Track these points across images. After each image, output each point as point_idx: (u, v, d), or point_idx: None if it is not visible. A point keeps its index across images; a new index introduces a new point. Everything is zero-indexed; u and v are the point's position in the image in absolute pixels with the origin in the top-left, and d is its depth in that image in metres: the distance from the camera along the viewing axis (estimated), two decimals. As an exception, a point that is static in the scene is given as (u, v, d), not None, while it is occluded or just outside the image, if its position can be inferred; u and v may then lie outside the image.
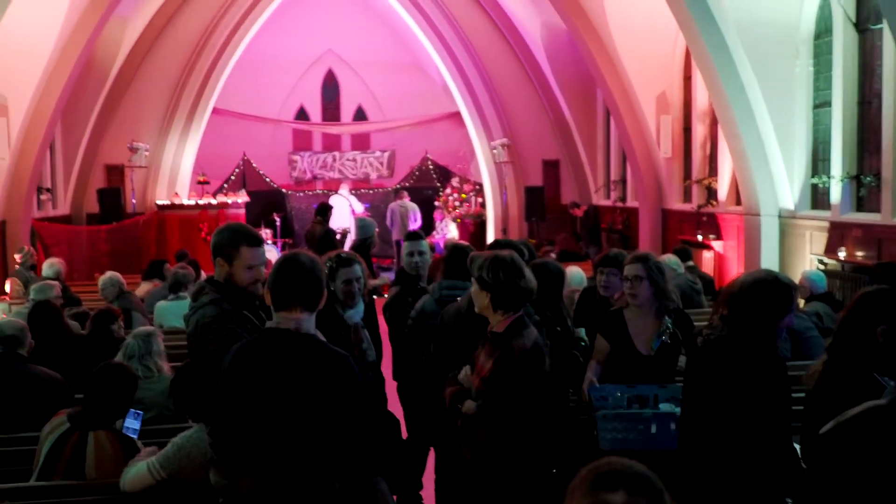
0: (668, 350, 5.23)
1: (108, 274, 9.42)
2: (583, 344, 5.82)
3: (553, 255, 15.94)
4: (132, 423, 4.87)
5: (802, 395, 3.93)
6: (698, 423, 3.98)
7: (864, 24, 11.08)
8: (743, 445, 3.80)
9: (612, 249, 6.69)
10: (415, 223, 20.39)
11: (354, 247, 11.40)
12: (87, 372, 4.88)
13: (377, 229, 11.93)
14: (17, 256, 12.68)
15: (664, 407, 4.94)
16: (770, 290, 3.87)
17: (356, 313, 5.14)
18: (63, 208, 18.75)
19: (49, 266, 10.86)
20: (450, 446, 4.96)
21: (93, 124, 19.02)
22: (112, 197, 18.32)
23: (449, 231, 21.52)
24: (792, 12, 12.15)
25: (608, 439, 4.92)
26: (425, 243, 6.80)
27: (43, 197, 17.31)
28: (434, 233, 21.65)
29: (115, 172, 19.70)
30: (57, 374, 5.88)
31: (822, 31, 12.10)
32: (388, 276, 11.34)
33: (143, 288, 11.28)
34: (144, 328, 6.30)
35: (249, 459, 3.45)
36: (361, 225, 11.67)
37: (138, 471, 4.18)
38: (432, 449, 6.13)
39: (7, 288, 12.42)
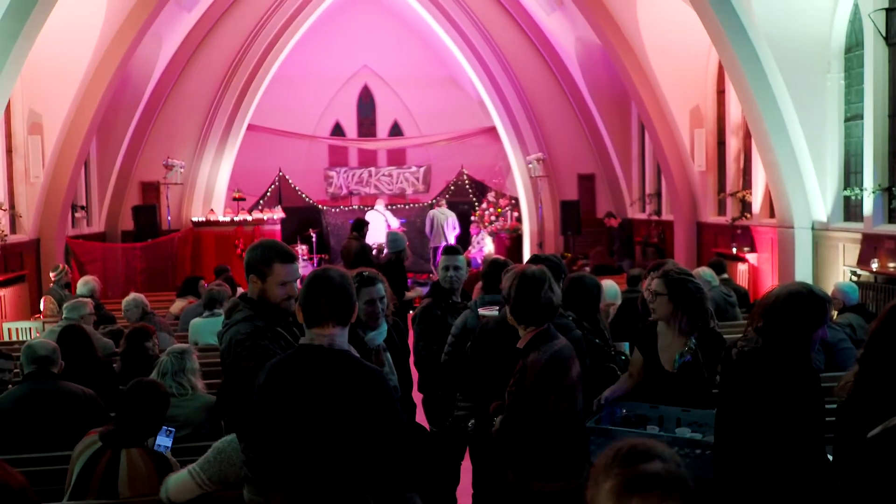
0: (689, 369, 5.02)
1: (132, 295, 9.53)
2: (623, 358, 5.77)
3: (588, 269, 15.88)
4: (164, 441, 4.90)
5: (834, 406, 3.86)
6: (733, 433, 3.97)
7: (894, 37, 10.98)
8: (777, 456, 3.80)
9: (668, 260, 6.61)
10: (453, 230, 20.46)
11: (388, 261, 11.35)
12: (119, 390, 4.90)
13: (408, 243, 11.89)
14: (51, 274, 12.79)
15: (681, 432, 4.80)
16: (805, 302, 3.88)
17: (378, 335, 4.99)
18: (98, 226, 18.95)
19: (83, 284, 10.95)
20: (488, 461, 5.00)
21: (128, 142, 19.23)
22: (147, 214, 18.47)
23: (486, 245, 21.46)
24: (823, 26, 12.11)
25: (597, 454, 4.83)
26: (462, 258, 6.83)
27: (78, 214, 17.50)
28: (470, 247, 21.65)
29: (151, 189, 19.86)
30: (90, 390, 5.94)
31: (853, 45, 12.05)
32: (421, 290, 11.31)
33: (178, 305, 11.35)
34: (179, 345, 6.30)
35: (283, 476, 3.46)
36: (392, 239, 11.62)
37: (180, 478, 4.19)
38: (468, 463, 6.09)
39: (41, 306, 12.55)
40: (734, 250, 14.94)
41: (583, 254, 19.69)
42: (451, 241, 20.45)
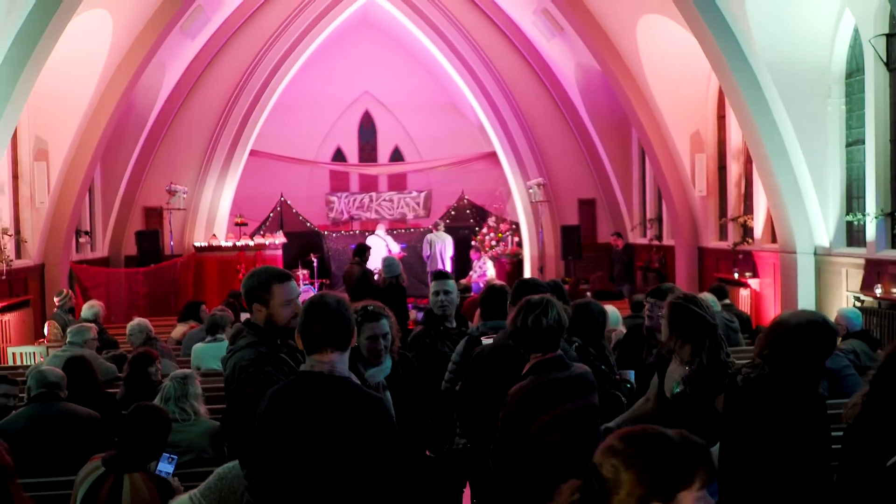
0: (683, 400, 4.83)
1: (136, 320, 9.52)
2: (628, 386, 5.76)
3: (588, 294, 15.90)
4: (166, 468, 4.88)
5: (840, 433, 3.89)
6: (738, 460, 3.95)
7: (894, 63, 11.02)
8: (782, 483, 3.78)
9: (664, 283, 6.63)
10: (446, 252, 20.55)
11: (386, 286, 11.37)
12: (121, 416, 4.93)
13: (402, 268, 11.92)
14: (55, 299, 12.81)
15: None
16: (814, 331, 3.89)
17: (380, 371, 4.79)
18: (101, 251, 18.97)
19: (89, 307, 11.01)
20: (487, 489, 4.94)
21: (131, 167, 19.31)
22: (150, 239, 18.50)
23: (488, 270, 21.47)
24: (823, 52, 12.15)
25: None
26: (452, 283, 6.76)
27: (82, 240, 17.53)
28: (471, 272, 21.63)
29: (154, 215, 19.91)
30: (95, 413, 6.03)
31: (854, 70, 12.09)
32: (415, 314, 11.30)
33: (179, 330, 11.35)
34: (182, 371, 6.31)
35: (285, 502, 3.47)
36: (387, 265, 11.63)
37: (181, 503, 4.18)
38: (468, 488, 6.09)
39: (45, 331, 12.58)
40: (736, 275, 14.89)
41: (584, 278, 19.72)
42: (448, 265, 20.55)
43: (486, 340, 5.54)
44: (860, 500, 3.47)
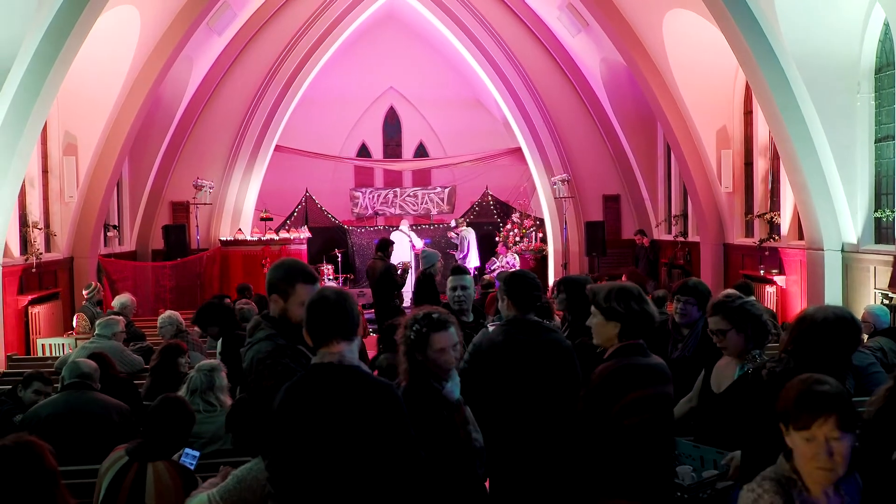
0: (747, 381, 4.65)
1: (167, 313, 9.59)
2: None
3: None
4: (187, 462, 4.92)
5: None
6: (761, 454, 3.87)
7: (925, 57, 10.92)
8: None
9: (691, 278, 6.61)
10: (470, 246, 20.82)
11: (417, 278, 11.42)
12: (145, 407, 4.99)
13: (441, 260, 11.92)
14: (84, 292, 12.97)
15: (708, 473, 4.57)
16: (839, 327, 3.89)
17: (456, 385, 4.37)
18: (129, 245, 19.12)
19: (119, 300, 11.10)
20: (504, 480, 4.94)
21: (159, 162, 19.46)
22: (177, 233, 18.63)
23: (516, 265, 21.44)
24: (852, 46, 12.00)
25: None
26: (469, 278, 6.94)
27: (110, 234, 17.66)
28: (495, 267, 21.57)
29: (180, 209, 20.04)
30: (124, 404, 6.14)
31: (884, 65, 11.96)
32: None
33: (201, 322, 11.41)
34: (208, 362, 6.39)
35: (305, 493, 3.53)
36: (424, 255, 11.68)
37: (199, 501, 4.20)
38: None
39: (74, 323, 12.71)
40: (762, 272, 14.79)
41: (609, 275, 19.63)
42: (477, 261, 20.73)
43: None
44: (875, 494, 3.46)
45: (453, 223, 22.69)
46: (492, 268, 21.59)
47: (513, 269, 5.94)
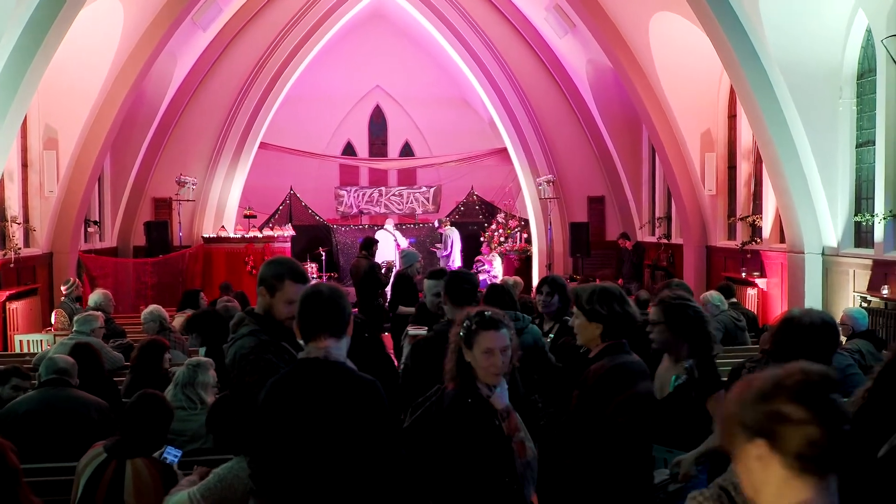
0: (682, 392, 4.58)
1: (151, 307, 9.43)
2: None
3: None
4: (169, 459, 4.85)
5: None
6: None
7: (907, 64, 10.96)
8: None
9: (673, 280, 6.63)
10: (454, 245, 20.85)
11: (396, 277, 11.37)
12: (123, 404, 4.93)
13: (420, 261, 11.89)
14: (63, 288, 12.85)
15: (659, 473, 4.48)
16: (832, 333, 3.96)
17: (503, 391, 4.03)
18: (110, 241, 19.02)
19: (95, 296, 10.98)
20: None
21: (141, 158, 19.36)
22: (159, 230, 18.52)
23: (495, 267, 21.43)
24: (835, 52, 12.10)
25: None
26: None
27: (90, 229, 17.58)
28: (480, 269, 21.54)
29: (163, 205, 19.95)
30: (103, 401, 6.05)
31: (866, 71, 12.04)
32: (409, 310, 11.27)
33: (179, 320, 11.29)
34: (197, 358, 6.34)
35: (288, 489, 3.52)
36: (404, 255, 11.67)
37: (179, 500, 4.16)
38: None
39: (53, 319, 12.61)
40: (743, 275, 14.93)
41: (591, 276, 19.66)
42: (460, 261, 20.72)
43: (413, 331, 5.77)
44: (855, 493, 3.45)
45: (437, 223, 22.69)
46: (478, 269, 21.57)
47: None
